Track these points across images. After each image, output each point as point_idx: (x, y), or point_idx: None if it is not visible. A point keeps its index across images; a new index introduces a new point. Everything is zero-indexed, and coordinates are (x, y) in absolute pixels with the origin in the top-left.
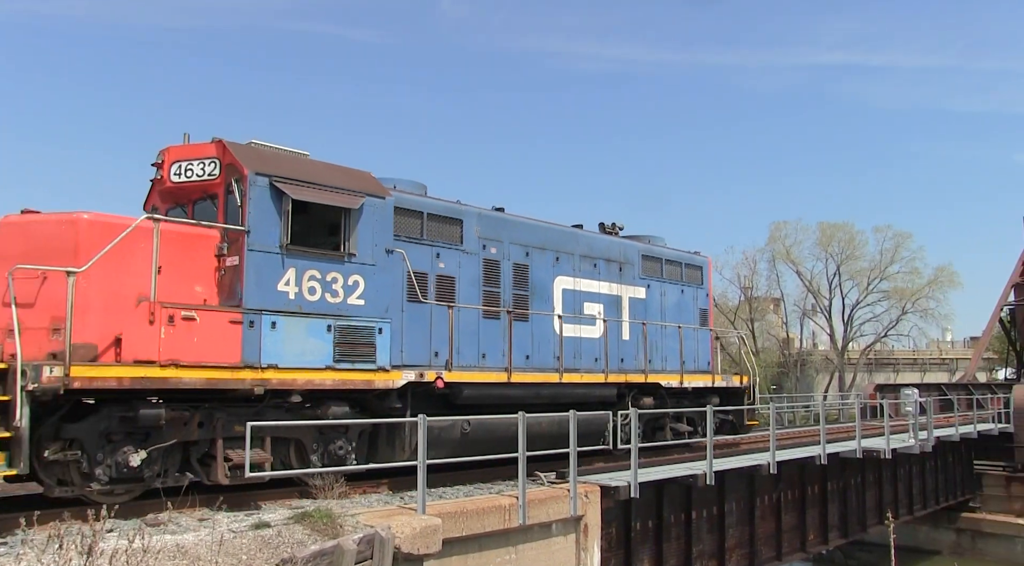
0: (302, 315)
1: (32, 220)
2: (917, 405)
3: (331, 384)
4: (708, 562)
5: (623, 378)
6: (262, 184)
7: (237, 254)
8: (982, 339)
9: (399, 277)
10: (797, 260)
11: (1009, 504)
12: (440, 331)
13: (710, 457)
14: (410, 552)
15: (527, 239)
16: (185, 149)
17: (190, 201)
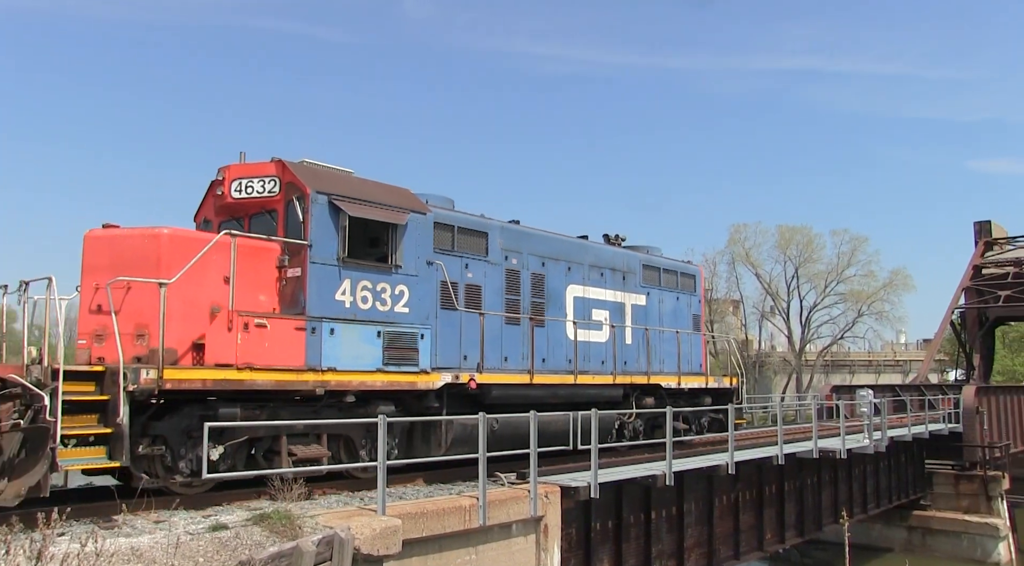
0: (356, 322)
1: (117, 234)
2: (872, 406)
3: (381, 385)
4: (667, 562)
5: (628, 380)
6: (322, 202)
7: (299, 266)
8: (934, 341)
9: (436, 286)
10: (756, 262)
11: (957, 501)
12: (468, 336)
13: (669, 458)
14: (370, 553)
15: (543, 250)
16: (245, 168)
17: (247, 215)
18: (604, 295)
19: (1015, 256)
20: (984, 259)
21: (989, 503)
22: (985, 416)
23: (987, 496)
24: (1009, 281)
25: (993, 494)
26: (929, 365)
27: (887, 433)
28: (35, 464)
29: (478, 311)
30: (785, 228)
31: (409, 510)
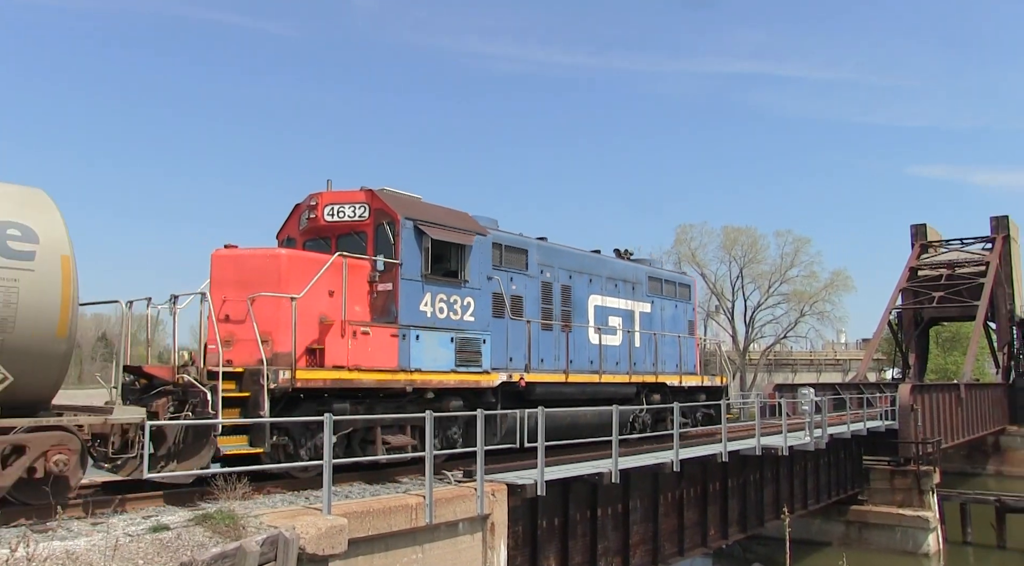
0: (435, 329)
1: (242, 254)
2: (813, 404)
3: (453, 383)
4: (613, 559)
5: (640, 379)
6: (409, 226)
7: (390, 281)
8: (872, 341)
9: (492, 298)
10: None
11: (892, 496)
12: (514, 341)
13: (615, 455)
14: (315, 553)
15: (570, 264)
16: (336, 195)
17: (334, 236)
18: (618, 304)
19: (948, 259)
20: (920, 261)
21: (921, 497)
22: (919, 413)
23: (920, 490)
24: (943, 283)
25: (925, 488)
26: (868, 364)
27: (827, 431)
28: (200, 449)
29: (523, 319)
30: (730, 229)
31: (355, 509)
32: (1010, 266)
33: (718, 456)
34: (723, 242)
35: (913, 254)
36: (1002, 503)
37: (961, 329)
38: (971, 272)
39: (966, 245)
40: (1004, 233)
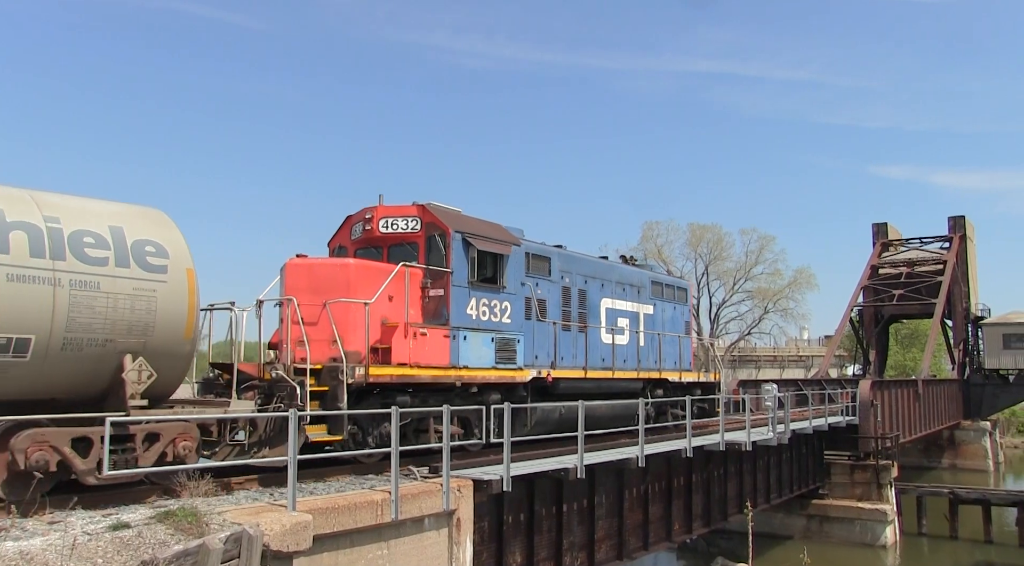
0: (479, 330)
1: (314, 263)
2: (776, 400)
3: (494, 379)
4: (578, 554)
5: (645, 375)
6: (458, 238)
7: (442, 288)
8: (834, 338)
9: (524, 302)
10: (668, 259)
11: (852, 490)
12: (539, 340)
13: (581, 451)
14: (279, 549)
15: (586, 271)
16: (390, 209)
17: (386, 246)
18: (625, 306)
19: (908, 257)
20: (881, 259)
21: (880, 490)
22: (879, 409)
23: (878, 484)
24: (903, 281)
25: (884, 482)
26: (830, 360)
27: (790, 426)
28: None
29: (547, 321)
30: (696, 226)
31: (320, 505)
32: (966, 265)
33: (683, 451)
34: (689, 239)
35: (874, 252)
36: (955, 495)
37: (920, 326)
38: (930, 271)
39: (925, 244)
40: (961, 233)
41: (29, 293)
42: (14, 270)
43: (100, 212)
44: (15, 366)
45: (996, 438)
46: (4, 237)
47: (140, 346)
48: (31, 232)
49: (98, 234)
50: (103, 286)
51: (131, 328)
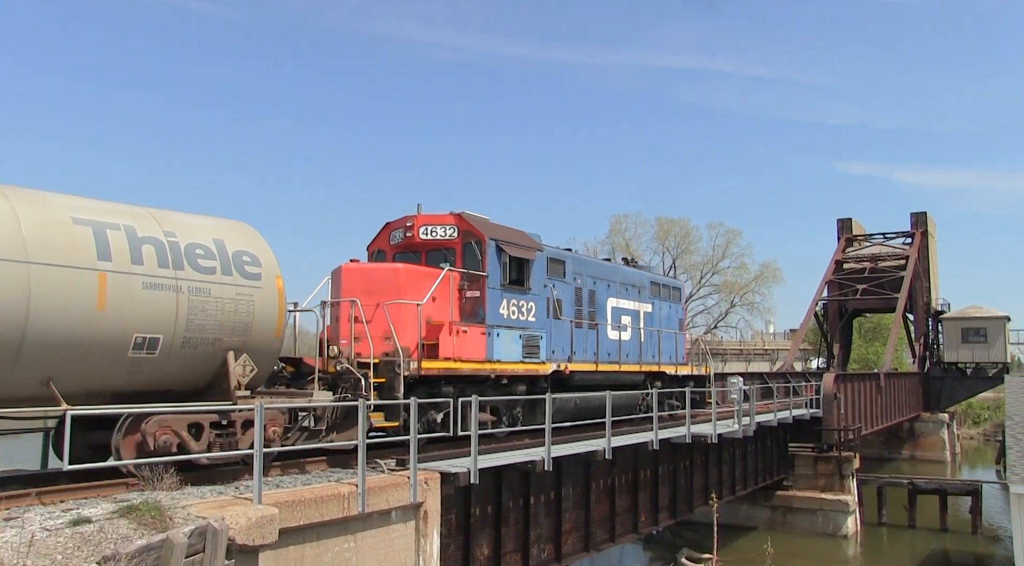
0: (510, 328)
1: (367, 267)
2: (741, 393)
3: (521, 372)
4: (545, 546)
5: (647, 368)
6: (492, 245)
7: (478, 290)
8: (799, 331)
9: (546, 302)
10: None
11: (815, 481)
12: (557, 337)
13: (548, 443)
14: (245, 543)
15: (595, 272)
16: (429, 217)
17: (424, 251)
18: (628, 305)
19: (871, 253)
20: (845, 255)
21: (842, 481)
22: (842, 401)
23: (841, 475)
24: (866, 275)
25: (846, 473)
26: (794, 354)
27: (755, 419)
28: (354, 424)
29: (564, 319)
30: (664, 220)
31: (286, 498)
32: (928, 260)
33: (649, 444)
34: (657, 233)
35: (839, 248)
36: (914, 486)
37: (882, 320)
38: (892, 266)
39: (888, 240)
40: (923, 229)
41: (158, 299)
42: (147, 279)
43: (204, 226)
44: (147, 362)
45: (953, 429)
46: (138, 250)
47: (241, 344)
48: (157, 246)
49: (206, 246)
50: (213, 292)
51: (234, 328)
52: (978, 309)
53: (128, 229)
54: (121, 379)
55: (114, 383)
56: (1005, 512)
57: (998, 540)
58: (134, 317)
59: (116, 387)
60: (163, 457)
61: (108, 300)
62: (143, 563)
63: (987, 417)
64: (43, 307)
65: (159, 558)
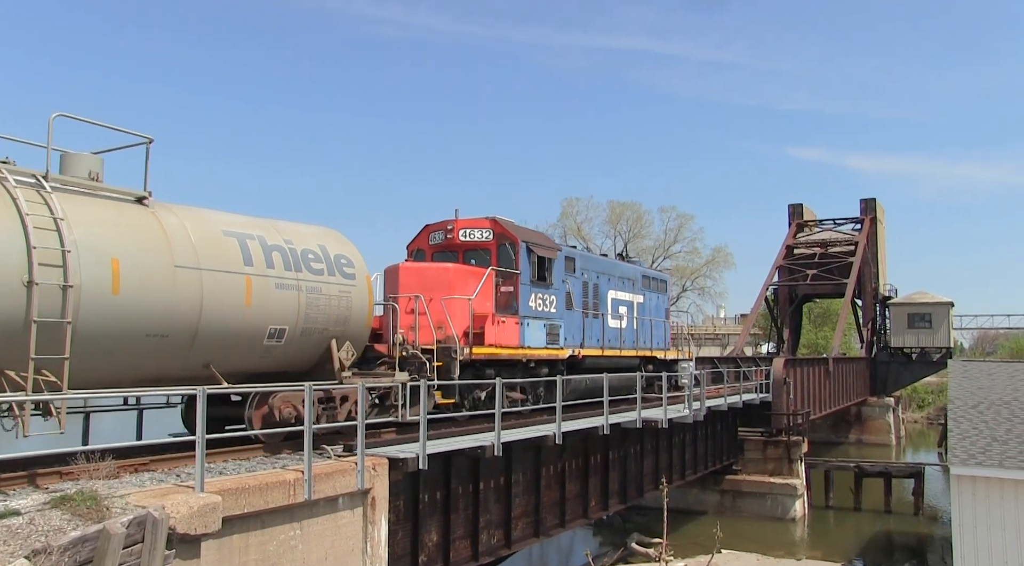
0: (536, 319)
1: (422, 266)
2: (692, 378)
3: (545, 356)
4: (494, 532)
5: (641, 353)
6: (524, 247)
7: (511, 286)
8: (750, 316)
9: (564, 295)
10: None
11: (764, 465)
12: (570, 326)
13: (498, 428)
14: (186, 532)
15: (598, 268)
16: (468, 221)
17: (461, 251)
18: (624, 296)
19: (822, 238)
20: (796, 240)
21: (791, 466)
22: (791, 386)
23: (789, 459)
24: (816, 261)
25: (794, 457)
26: (745, 339)
27: (705, 403)
28: (420, 400)
29: (575, 310)
30: (616, 204)
31: (230, 486)
32: (876, 246)
33: (600, 429)
34: (608, 216)
35: (789, 233)
36: (860, 469)
37: (832, 306)
38: (842, 251)
39: (838, 225)
40: (872, 215)
41: (286, 297)
42: (278, 280)
43: (309, 233)
44: (276, 348)
45: (899, 413)
46: (269, 256)
47: (341, 333)
48: (283, 252)
49: (315, 251)
50: (323, 290)
51: (336, 320)
52: (924, 295)
53: (260, 239)
54: (255, 362)
55: (250, 365)
56: (946, 494)
57: (939, 521)
58: (269, 312)
59: (250, 369)
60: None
61: (253, 298)
62: (78, 556)
63: (931, 401)
64: (210, 304)
65: (95, 550)
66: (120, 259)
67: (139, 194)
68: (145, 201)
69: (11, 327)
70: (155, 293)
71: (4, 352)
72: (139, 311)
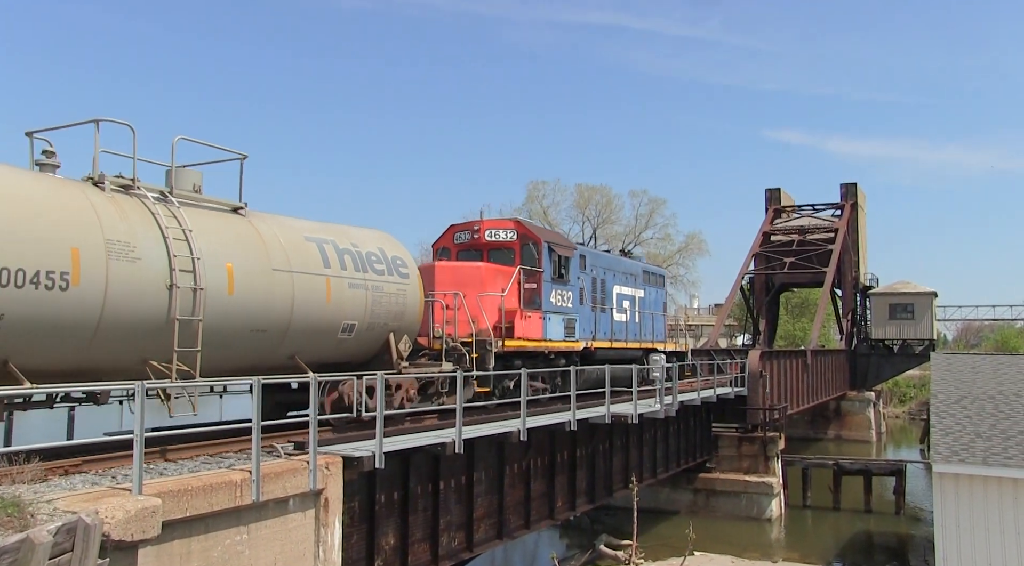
0: (556, 313)
1: (456, 265)
2: (664, 370)
3: (564, 348)
4: (455, 534)
5: (644, 345)
6: (546, 246)
7: (535, 283)
8: (724, 306)
9: (579, 291)
10: (554, 222)
11: (739, 463)
12: (582, 320)
13: (459, 425)
14: (122, 539)
15: (605, 264)
16: (492, 222)
17: (486, 250)
18: (628, 291)
19: (800, 224)
20: (773, 226)
21: (767, 463)
22: (768, 380)
23: (765, 456)
24: (794, 248)
25: (771, 454)
26: (719, 330)
27: (678, 398)
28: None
29: (586, 305)
30: (584, 187)
31: (171, 487)
32: (857, 233)
33: (566, 425)
34: (576, 200)
35: (767, 219)
36: (839, 466)
37: (810, 295)
38: (821, 238)
39: (817, 211)
40: (852, 200)
41: (356, 295)
42: (350, 280)
43: (369, 237)
44: (346, 341)
45: (880, 408)
46: (342, 259)
47: (397, 327)
48: (352, 255)
49: (376, 254)
50: (384, 289)
51: (394, 315)
52: (906, 285)
53: (333, 243)
54: (329, 354)
55: (324, 357)
56: (928, 492)
57: (920, 521)
58: (344, 309)
59: (324, 359)
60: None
61: (332, 296)
62: None
63: (913, 395)
64: (299, 303)
65: (16, 561)
66: (233, 264)
67: (235, 204)
68: (241, 211)
69: (157, 324)
70: (258, 293)
71: (151, 345)
72: (247, 309)
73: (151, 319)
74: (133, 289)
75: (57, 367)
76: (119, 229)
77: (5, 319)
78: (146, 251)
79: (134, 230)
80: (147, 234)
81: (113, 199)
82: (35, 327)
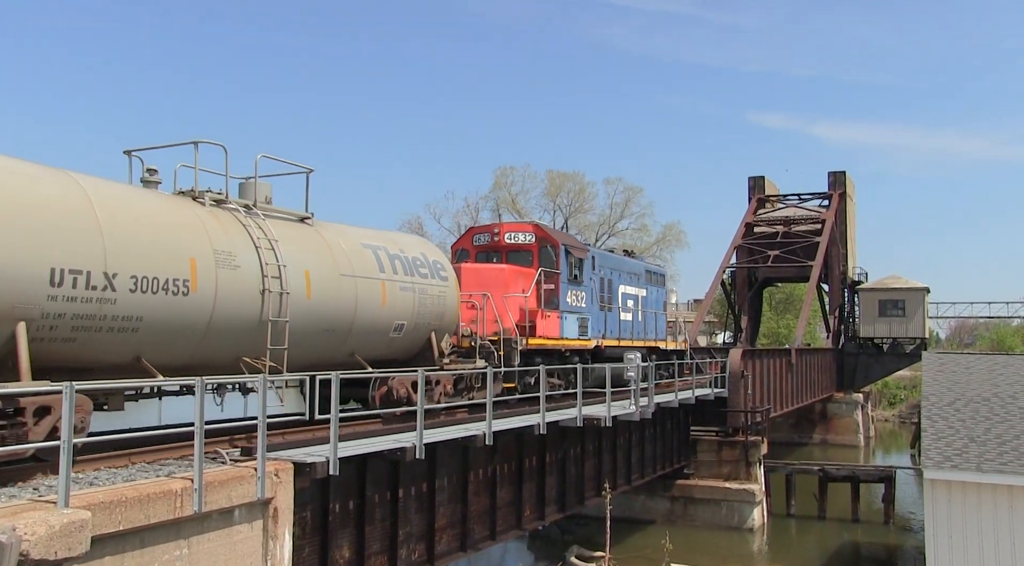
0: (572, 313)
1: (481, 267)
2: (639, 370)
3: (578, 346)
4: (415, 546)
5: (648, 343)
6: (563, 249)
7: (553, 284)
8: (704, 302)
9: (591, 292)
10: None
11: (719, 468)
12: (593, 319)
13: (420, 429)
14: (44, 557)
15: (612, 265)
16: (512, 225)
17: (504, 252)
18: (632, 291)
19: (785, 215)
20: (756, 217)
21: (748, 469)
22: (750, 380)
23: (747, 462)
24: (779, 240)
25: (753, 460)
26: (699, 327)
27: (654, 400)
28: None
29: (597, 305)
30: (555, 174)
31: (102, 499)
32: (845, 225)
33: (535, 428)
34: (547, 188)
35: (749, 209)
36: (825, 473)
37: (795, 291)
38: (807, 230)
39: (803, 201)
40: (841, 190)
41: (406, 297)
42: (401, 283)
43: (412, 243)
44: (396, 339)
45: (868, 411)
46: (393, 264)
47: (439, 326)
48: (402, 260)
49: (420, 258)
50: (428, 291)
51: (437, 316)
52: (896, 279)
53: (384, 249)
54: (381, 351)
55: (378, 354)
56: (919, 500)
57: (910, 530)
58: (396, 310)
59: (377, 357)
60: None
61: (386, 299)
62: None
63: (903, 397)
64: (361, 305)
65: None
66: (310, 270)
67: (302, 215)
68: (307, 220)
69: (252, 325)
70: (329, 297)
71: (246, 344)
72: (320, 311)
73: (248, 320)
74: (235, 294)
75: (176, 363)
76: (222, 240)
77: (144, 321)
78: (243, 260)
79: (233, 241)
80: (243, 244)
81: (213, 213)
82: (164, 328)
